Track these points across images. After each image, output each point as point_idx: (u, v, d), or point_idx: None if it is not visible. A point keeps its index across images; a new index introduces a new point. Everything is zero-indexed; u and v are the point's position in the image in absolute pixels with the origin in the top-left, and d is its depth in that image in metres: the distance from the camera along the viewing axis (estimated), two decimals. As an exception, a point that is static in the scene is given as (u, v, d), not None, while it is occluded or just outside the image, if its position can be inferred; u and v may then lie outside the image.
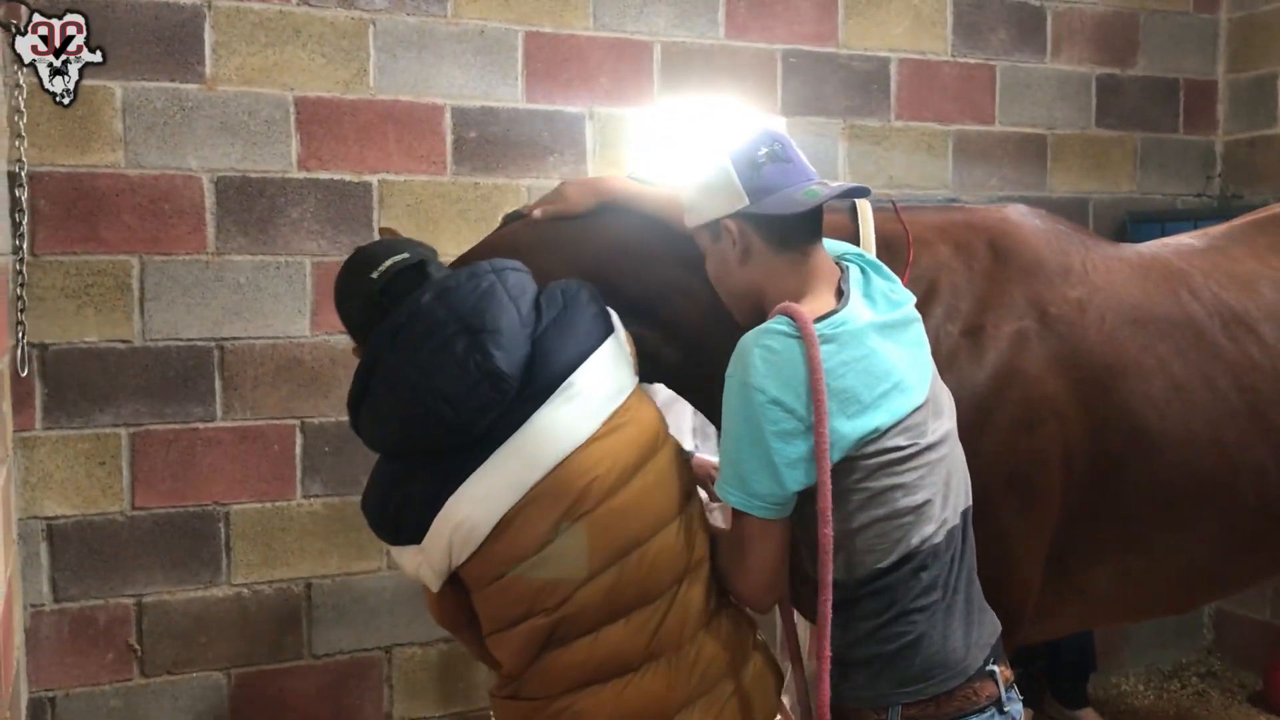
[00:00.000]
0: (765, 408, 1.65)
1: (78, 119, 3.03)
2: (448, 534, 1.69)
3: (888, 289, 1.83)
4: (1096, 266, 2.30)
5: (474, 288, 1.74)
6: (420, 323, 1.70)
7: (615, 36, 3.58)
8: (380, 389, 1.72)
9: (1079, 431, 2.16)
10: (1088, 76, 4.28)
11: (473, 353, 1.67)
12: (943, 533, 1.74)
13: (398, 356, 1.70)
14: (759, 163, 1.76)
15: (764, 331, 1.68)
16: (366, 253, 1.87)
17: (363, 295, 1.80)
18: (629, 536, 1.71)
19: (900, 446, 1.70)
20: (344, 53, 3.26)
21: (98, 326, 3.07)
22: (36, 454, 3.04)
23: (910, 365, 1.76)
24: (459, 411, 1.66)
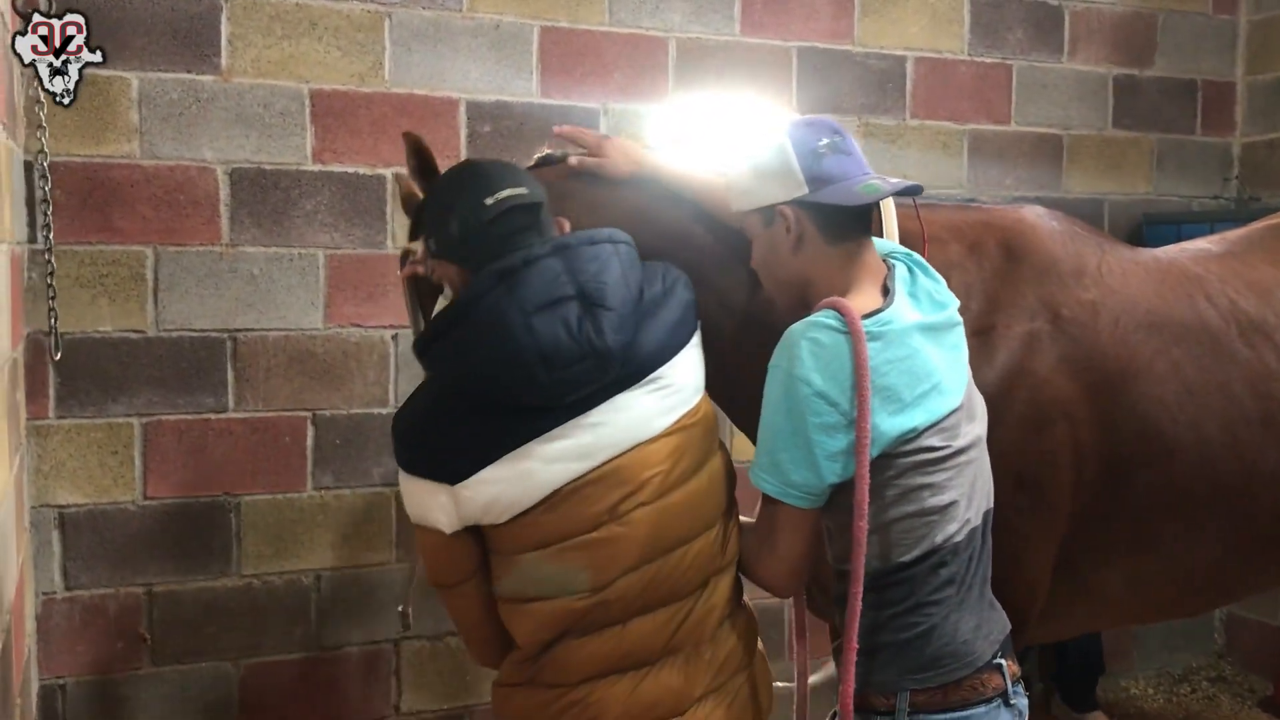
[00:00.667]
0: (810, 400, 1.66)
1: (94, 109, 3.04)
2: (494, 490, 1.65)
3: (933, 289, 1.84)
4: (1112, 269, 2.29)
5: (594, 255, 1.71)
6: (536, 276, 1.66)
7: (630, 32, 3.58)
8: (475, 328, 1.65)
9: (1090, 434, 2.16)
10: (1105, 77, 4.26)
11: (585, 325, 1.65)
12: (964, 532, 1.76)
13: (506, 303, 1.64)
14: (820, 152, 1.75)
15: (812, 324, 1.69)
16: (483, 171, 1.77)
17: (468, 216, 1.71)
18: (676, 535, 1.72)
19: (935, 447, 1.72)
20: (359, 46, 3.26)
21: (112, 316, 3.08)
22: (49, 443, 3.05)
23: (949, 368, 1.77)
24: (554, 378, 1.64)
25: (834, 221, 1.77)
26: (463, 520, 1.68)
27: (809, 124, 1.82)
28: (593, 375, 1.66)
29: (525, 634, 1.73)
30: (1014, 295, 2.18)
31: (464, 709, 3.50)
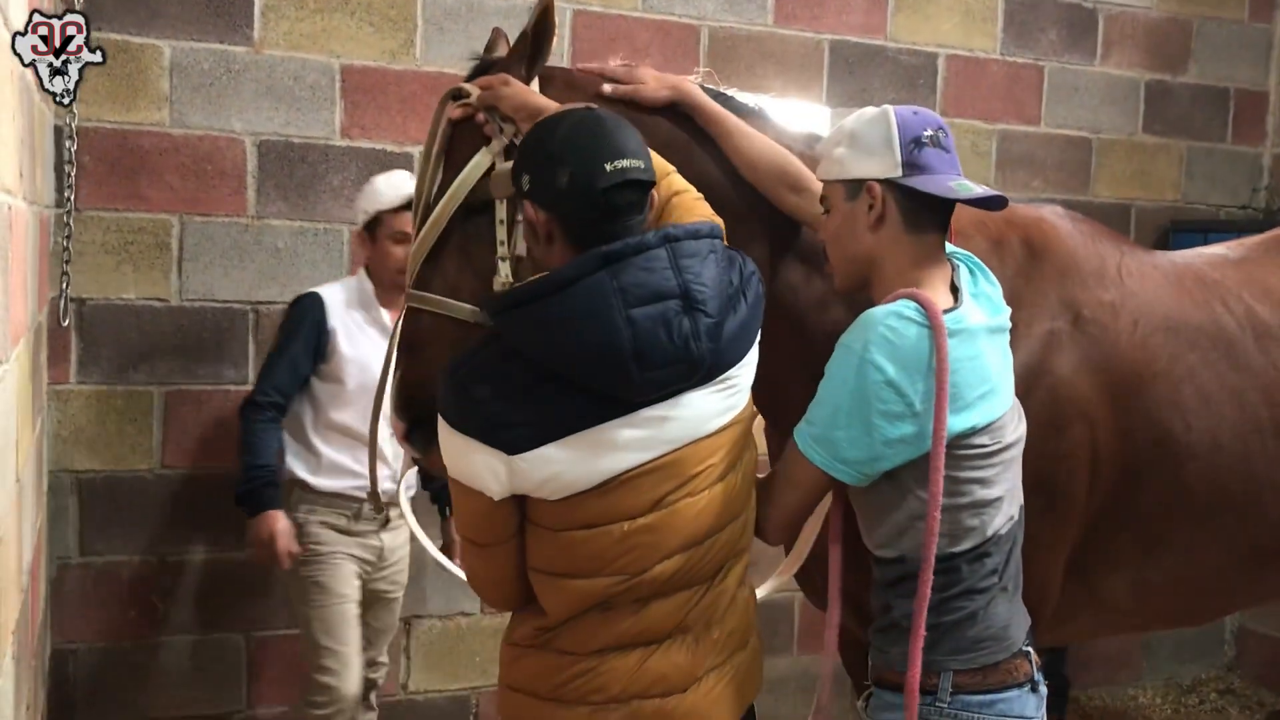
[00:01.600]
0: (879, 386, 1.67)
1: (125, 76, 3.05)
2: (553, 468, 1.62)
3: (991, 292, 1.85)
4: (1131, 271, 2.28)
5: (695, 250, 1.68)
6: (643, 267, 1.63)
7: (663, 18, 3.56)
8: (572, 309, 1.60)
9: (1107, 436, 2.15)
10: (1137, 81, 4.23)
11: (684, 328, 1.63)
12: (1008, 526, 1.79)
13: (610, 290, 1.61)
14: (922, 141, 1.76)
15: (892, 313, 1.70)
16: (608, 130, 1.68)
17: (582, 175, 1.64)
18: (710, 526, 1.73)
19: (984, 444, 1.74)
20: (392, 23, 3.26)
21: (135, 284, 3.09)
22: (69, 408, 3.06)
23: (1002, 371, 1.80)
24: (645, 378, 1.61)
25: (917, 210, 1.77)
26: (513, 490, 1.66)
27: (916, 112, 1.81)
28: (680, 379, 1.65)
29: (555, 605, 1.72)
30: (1036, 294, 2.18)
31: (472, 689, 3.50)
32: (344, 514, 3.01)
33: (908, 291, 1.73)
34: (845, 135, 1.82)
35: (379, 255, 2.98)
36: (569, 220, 1.66)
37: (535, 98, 1.92)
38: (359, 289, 3.02)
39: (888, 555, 1.78)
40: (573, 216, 1.65)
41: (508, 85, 1.94)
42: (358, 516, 3.02)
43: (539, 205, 1.66)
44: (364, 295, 3.01)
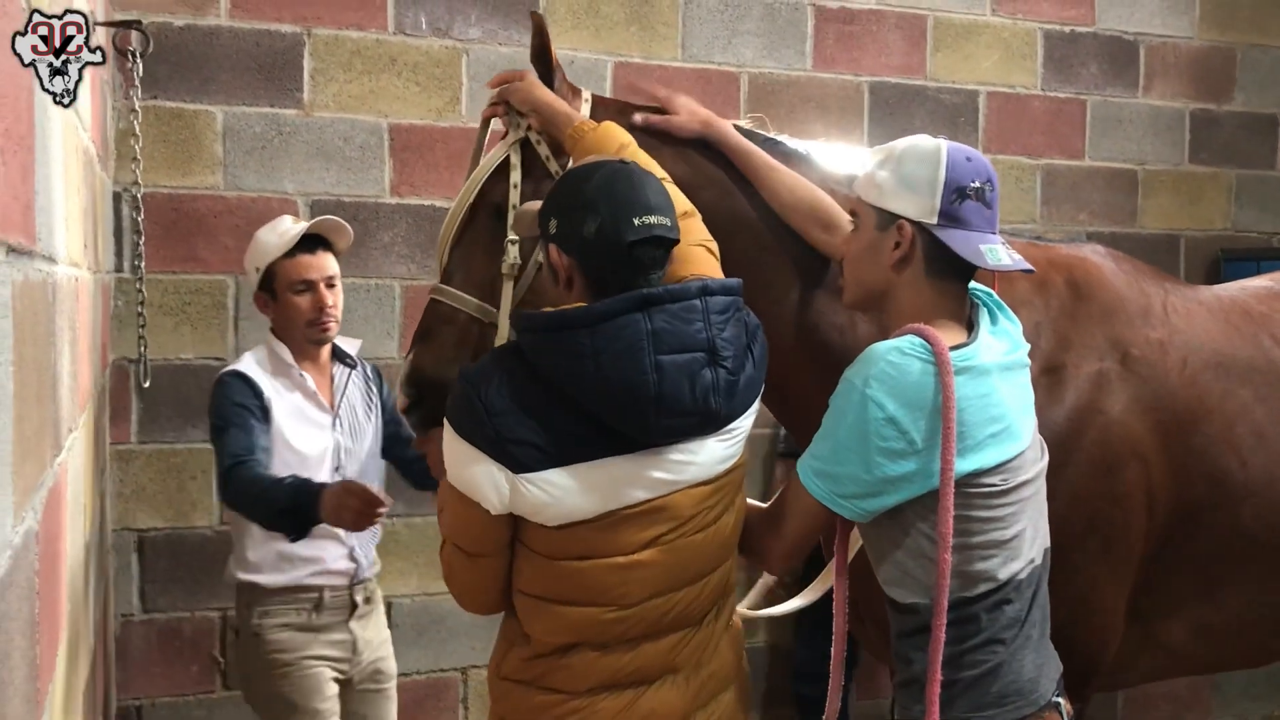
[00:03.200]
0: (878, 423, 1.66)
1: (180, 142, 3.13)
2: (555, 494, 1.64)
3: (1010, 329, 1.83)
4: (1176, 309, 2.26)
5: (723, 306, 1.72)
6: (678, 317, 1.67)
7: (702, 67, 3.61)
8: (604, 343, 1.63)
9: (1161, 476, 2.12)
10: (1182, 111, 4.21)
11: (706, 384, 1.67)
12: (1028, 570, 1.75)
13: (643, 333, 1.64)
14: (966, 193, 1.75)
15: (895, 349, 1.69)
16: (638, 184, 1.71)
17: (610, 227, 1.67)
18: (701, 567, 1.76)
19: (994, 484, 1.71)
20: (437, 81, 3.32)
21: (194, 344, 3.16)
22: (131, 467, 3.12)
23: (1019, 410, 1.76)
24: (661, 424, 1.65)
25: (942, 260, 1.76)
26: (511, 509, 1.67)
27: (970, 159, 1.79)
28: (693, 430, 1.68)
29: (543, 631, 1.74)
30: (1083, 334, 2.16)
31: None
32: (304, 608, 2.72)
33: (915, 327, 1.71)
34: (893, 159, 1.80)
35: (283, 311, 2.74)
36: (591, 268, 1.69)
37: (542, 93, 2.01)
38: (271, 356, 2.76)
39: (901, 600, 1.75)
40: (595, 265, 1.69)
41: (521, 80, 2.01)
42: (319, 607, 2.73)
43: (564, 250, 1.70)
44: (278, 362, 2.75)
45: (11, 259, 0.96)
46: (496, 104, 2.08)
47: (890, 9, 3.80)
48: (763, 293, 2.02)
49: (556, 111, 1.98)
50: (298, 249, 2.71)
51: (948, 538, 1.65)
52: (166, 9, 3.09)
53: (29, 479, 1.09)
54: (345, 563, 2.75)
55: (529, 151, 2.02)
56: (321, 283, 2.73)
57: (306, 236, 2.72)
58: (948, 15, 3.87)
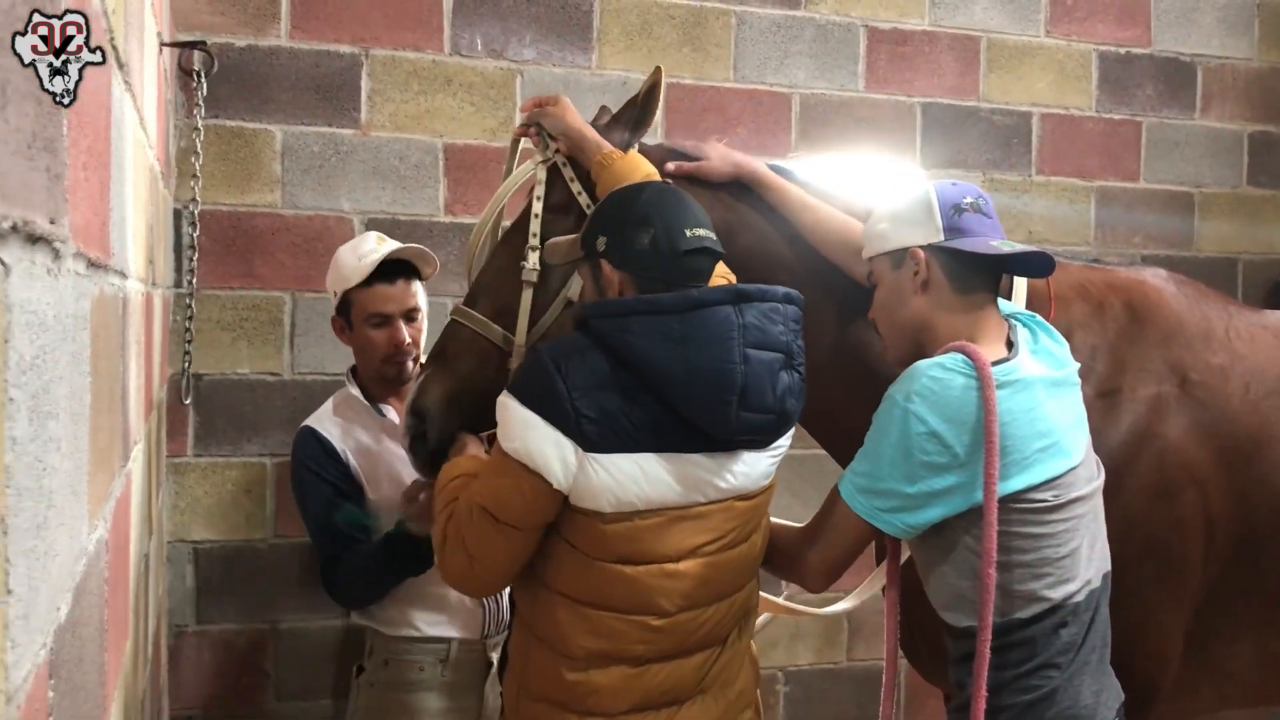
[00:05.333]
0: (920, 438, 1.68)
1: (239, 161, 3.18)
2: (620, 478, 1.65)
3: (1054, 349, 1.84)
4: (1239, 333, 2.24)
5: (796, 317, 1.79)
6: (767, 314, 1.73)
7: (754, 88, 3.61)
8: (695, 330, 1.67)
9: (1221, 503, 2.10)
10: (1239, 133, 4.16)
11: (783, 384, 1.73)
12: (1084, 592, 1.75)
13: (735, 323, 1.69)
14: (962, 208, 1.81)
15: (937, 364, 1.71)
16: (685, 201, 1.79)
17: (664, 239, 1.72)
18: (732, 583, 1.80)
19: (1045, 499, 1.71)
20: (492, 102, 3.36)
21: (250, 359, 3.20)
22: (186, 480, 3.17)
23: (1070, 427, 1.77)
24: (741, 419, 1.69)
25: (963, 272, 1.81)
26: (572, 486, 1.68)
27: (954, 184, 1.88)
28: (766, 431, 1.75)
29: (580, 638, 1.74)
30: (1141, 357, 2.15)
31: None
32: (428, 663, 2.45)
33: (956, 345, 1.74)
34: (886, 213, 1.88)
35: (360, 344, 2.57)
36: (645, 279, 1.74)
37: (576, 120, 2.06)
38: (348, 400, 2.60)
39: (956, 624, 1.76)
40: (649, 276, 1.74)
41: (556, 105, 2.05)
42: (447, 663, 2.45)
43: (616, 265, 1.74)
44: (355, 404, 2.58)
45: (91, 272, 0.99)
46: (528, 126, 2.13)
47: (943, 30, 3.80)
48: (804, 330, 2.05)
49: (586, 138, 2.03)
50: (377, 277, 2.53)
51: (992, 553, 1.66)
52: (228, 30, 3.15)
53: (101, 488, 1.11)
54: (473, 608, 2.47)
55: (555, 175, 2.06)
56: (399, 316, 2.54)
57: (389, 262, 2.56)
58: (1001, 36, 3.86)
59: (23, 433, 0.62)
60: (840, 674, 3.67)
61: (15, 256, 0.60)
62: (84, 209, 0.92)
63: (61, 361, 0.78)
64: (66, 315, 0.80)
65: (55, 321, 0.75)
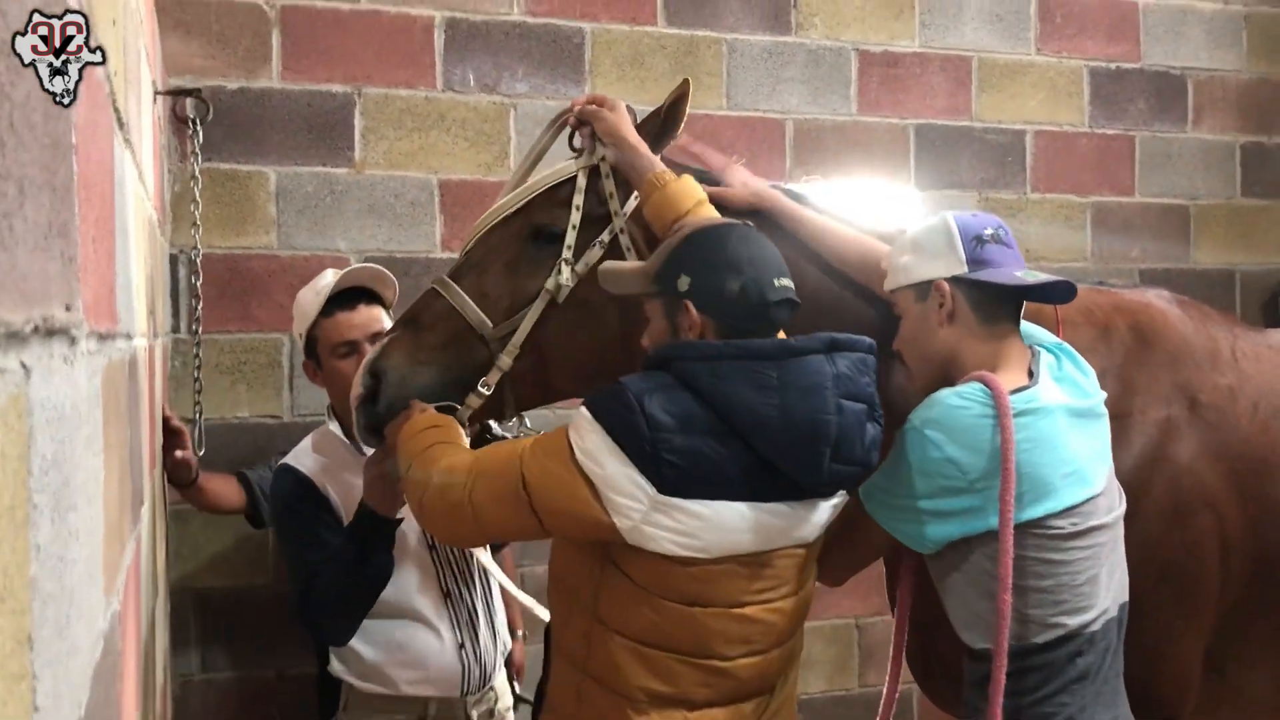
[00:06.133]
0: (938, 462, 1.71)
1: (234, 203, 3.17)
2: (694, 524, 1.61)
3: (1079, 378, 1.85)
4: (1245, 354, 2.23)
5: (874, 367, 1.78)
6: (855, 367, 1.72)
7: (748, 115, 3.61)
8: (790, 378, 1.65)
9: (1235, 525, 2.09)
10: (1232, 145, 4.16)
11: (868, 436, 1.72)
12: (1101, 621, 1.76)
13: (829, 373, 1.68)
14: (984, 239, 1.82)
15: (956, 393, 1.75)
16: (774, 251, 1.77)
17: (755, 287, 1.70)
18: (792, 628, 1.78)
19: (1062, 527, 1.73)
20: (486, 137, 3.35)
21: (250, 402, 3.17)
22: (189, 527, 3.14)
23: (1092, 456, 1.77)
24: (831, 469, 1.68)
25: (987, 303, 1.82)
26: (640, 524, 1.61)
27: (974, 215, 1.89)
28: (851, 480, 1.75)
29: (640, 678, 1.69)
30: (1149, 380, 2.14)
31: None
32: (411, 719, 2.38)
33: (976, 374, 1.77)
34: (908, 244, 1.89)
35: (330, 379, 2.46)
36: (729, 324, 1.71)
37: (630, 131, 2.02)
38: (326, 436, 2.49)
39: (973, 644, 1.78)
40: (734, 322, 1.71)
41: (613, 111, 2.03)
42: None
43: (700, 307, 1.71)
44: (334, 442, 2.47)
45: (100, 345, 0.96)
46: (581, 123, 2.09)
47: (934, 51, 3.80)
48: None
49: (640, 154, 2.00)
50: (336, 306, 2.46)
51: (1007, 579, 1.67)
52: (220, 73, 3.14)
53: (114, 561, 1.09)
54: (453, 665, 2.37)
55: (593, 180, 2.04)
56: (365, 342, 2.42)
57: (346, 291, 2.50)
58: (991, 56, 3.87)
59: (46, 538, 0.60)
60: (853, 700, 3.64)
61: (35, 356, 0.58)
62: (93, 283, 0.90)
63: (78, 448, 0.76)
64: (82, 400, 0.78)
65: (72, 410, 0.73)
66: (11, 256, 0.52)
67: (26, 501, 0.55)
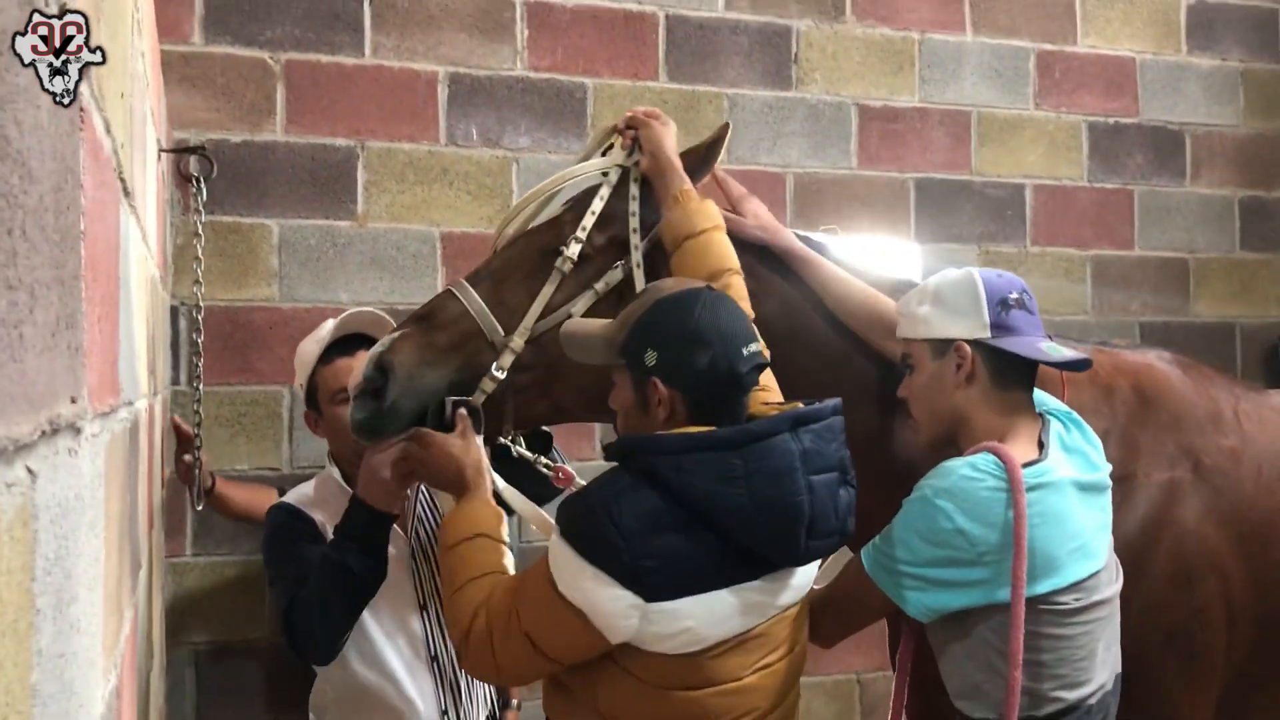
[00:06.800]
0: (947, 534, 1.69)
1: (236, 256, 3.17)
2: (689, 621, 1.58)
3: (1088, 449, 1.84)
4: (1248, 415, 2.23)
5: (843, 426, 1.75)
6: (822, 438, 1.68)
7: (749, 168, 3.63)
8: (758, 464, 1.61)
9: (1241, 588, 2.08)
10: (1230, 199, 4.18)
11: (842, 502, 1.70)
12: (1098, 695, 1.76)
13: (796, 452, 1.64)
14: (1009, 303, 1.81)
15: (969, 464, 1.73)
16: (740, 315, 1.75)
17: (723, 359, 1.67)
18: (787, 687, 1.76)
19: (1066, 602, 1.71)
20: (488, 190, 3.36)
21: (249, 455, 3.16)
22: (185, 580, 3.11)
23: (1096, 529, 1.76)
24: (809, 545, 1.65)
25: (1006, 369, 1.81)
26: (638, 636, 1.59)
27: (1000, 275, 1.87)
28: (829, 550, 1.75)
29: None
30: (1153, 442, 2.14)
31: None
32: None
33: (988, 445, 1.75)
34: (929, 294, 1.86)
35: (331, 427, 2.44)
36: (700, 398, 1.68)
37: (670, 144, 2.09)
38: (326, 482, 2.47)
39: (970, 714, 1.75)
40: (703, 397, 1.68)
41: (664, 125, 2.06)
42: None
43: (668, 383, 1.68)
44: (332, 487, 2.44)
45: (101, 425, 0.96)
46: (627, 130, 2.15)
47: (934, 106, 3.83)
48: None
49: (674, 166, 2.06)
50: (335, 353, 2.45)
51: (1018, 655, 1.66)
52: (223, 126, 3.16)
53: (112, 637, 1.08)
54: None
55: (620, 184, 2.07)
56: None
57: (346, 339, 2.48)
58: (991, 110, 3.89)
59: (47, 640, 0.59)
60: (854, 758, 3.60)
61: (41, 459, 0.57)
62: (98, 365, 0.89)
63: (81, 537, 0.75)
64: (85, 487, 0.77)
65: (76, 499, 0.72)
66: (21, 366, 0.52)
67: (30, 609, 0.54)
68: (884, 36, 3.78)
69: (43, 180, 0.58)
